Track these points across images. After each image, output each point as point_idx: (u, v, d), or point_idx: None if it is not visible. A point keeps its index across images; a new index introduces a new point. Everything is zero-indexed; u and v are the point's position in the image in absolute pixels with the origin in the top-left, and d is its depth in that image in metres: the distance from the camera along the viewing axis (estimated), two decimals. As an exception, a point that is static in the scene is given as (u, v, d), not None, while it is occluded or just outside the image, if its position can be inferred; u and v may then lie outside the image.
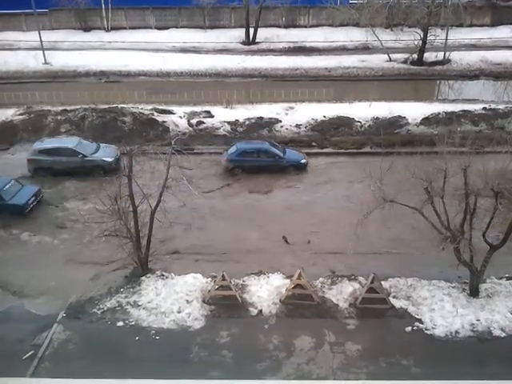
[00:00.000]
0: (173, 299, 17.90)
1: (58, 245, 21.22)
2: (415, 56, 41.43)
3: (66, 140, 27.49)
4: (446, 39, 41.25)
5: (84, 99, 34.38)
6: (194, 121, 31.28)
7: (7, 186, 23.15)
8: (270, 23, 49.72)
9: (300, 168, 26.66)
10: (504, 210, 16.29)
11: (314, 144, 29.47)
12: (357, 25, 45.56)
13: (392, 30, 46.01)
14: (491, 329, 16.75)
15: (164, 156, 18.72)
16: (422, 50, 41.25)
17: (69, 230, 21.90)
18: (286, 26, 50.22)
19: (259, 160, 26.39)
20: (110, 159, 26.36)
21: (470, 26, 47.66)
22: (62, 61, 42.15)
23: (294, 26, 50.33)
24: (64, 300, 18.05)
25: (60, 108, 32.47)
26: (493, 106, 32.25)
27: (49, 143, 26.74)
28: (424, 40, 40.90)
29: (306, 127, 30.93)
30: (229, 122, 31.07)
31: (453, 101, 34.81)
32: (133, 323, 17.13)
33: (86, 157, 25.98)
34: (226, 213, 23.20)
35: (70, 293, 18.31)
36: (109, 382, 13.45)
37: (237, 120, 31.22)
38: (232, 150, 26.87)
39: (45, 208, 23.62)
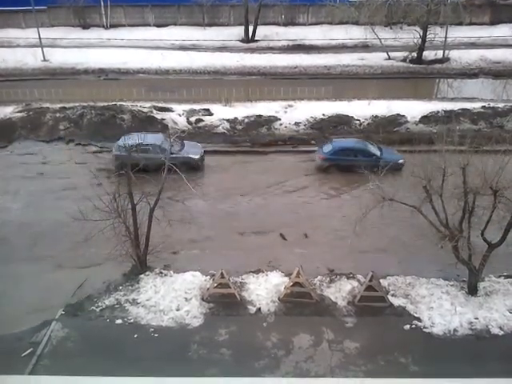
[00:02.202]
0: (171, 297, 17.89)
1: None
2: (414, 54, 41.45)
3: (151, 137, 27.03)
4: (446, 37, 41.26)
5: (83, 97, 34.32)
6: (192, 118, 31.28)
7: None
8: (270, 21, 49.73)
9: (397, 168, 24.35)
10: (503, 209, 16.32)
11: (313, 142, 29.48)
12: (356, 23, 45.56)
13: (391, 28, 46.07)
14: (489, 327, 16.77)
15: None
16: (421, 49, 41.26)
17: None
18: (286, 24, 50.23)
19: (356, 159, 24.69)
20: (196, 156, 26.42)
21: (470, 24, 47.72)
22: (60, 58, 42.09)
23: (294, 24, 50.35)
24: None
25: (59, 105, 32.45)
26: (492, 104, 32.31)
27: (134, 140, 26.13)
28: (423, 38, 40.90)
29: (305, 125, 30.94)
30: (228, 120, 31.07)
31: (452, 99, 34.89)
32: (131, 321, 17.12)
33: (173, 153, 25.66)
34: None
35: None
36: (107, 380, 13.43)
37: (236, 118, 31.22)
38: (327, 147, 26.15)
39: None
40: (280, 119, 31.22)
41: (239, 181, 25.91)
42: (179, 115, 31.62)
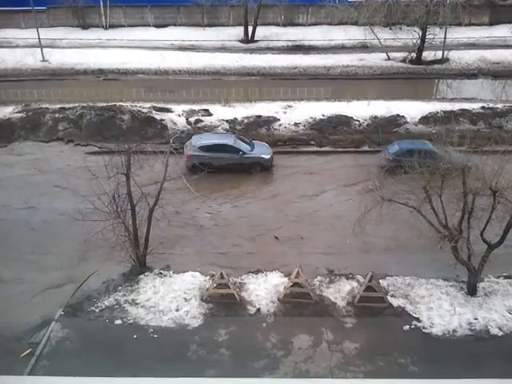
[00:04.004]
0: (171, 297, 17.90)
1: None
2: (414, 55, 41.45)
3: (223, 136, 27.74)
4: (445, 38, 41.28)
5: (82, 97, 34.34)
6: (192, 119, 31.27)
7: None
8: (269, 21, 49.70)
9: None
10: (502, 209, 16.33)
11: (312, 143, 29.48)
12: (355, 23, 45.50)
13: (391, 29, 46.05)
14: (489, 327, 16.79)
15: (162, 154, 18.72)
16: (420, 49, 41.26)
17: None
18: (285, 25, 50.20)
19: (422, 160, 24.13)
20: (267, 156, 26.65)
21: (469, 24, 47.79)
22: (60, 58, 42.02)
23: (293, 25, 50.31)
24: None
25: (58, 106, 32.40)
26: (491, 104, 32.33)
27: (207, 139, 27.01)
28: (423, 39, 40.90)
29: (304, 126, 30.93)
30: (227, 121, 31.05)
31: (451, 100, 34.87)
32: (131, 321, 17.12)
33: (245, 153, 26.23)
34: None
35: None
36: (107, 380, 13.42)
37: (235, 118, 31.21)
38: (393, 148, 25.95)
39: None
40: (279, 120, 31.21)
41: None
42: (179, 116, 31.60)
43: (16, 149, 29.10)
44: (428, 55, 41.68)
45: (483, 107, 31.90)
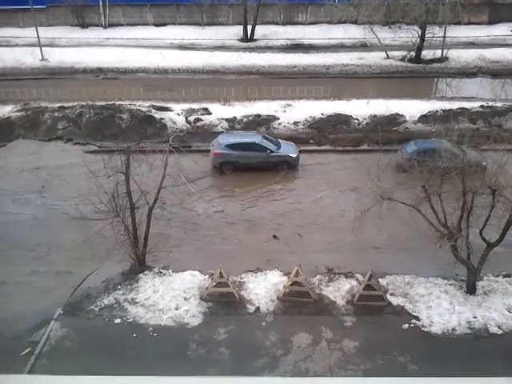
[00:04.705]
0: (170, 296, 17.90)
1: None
2: (413, 54, 41.39)
3: (249, 135, 27.92)
4: (444, 37, 41.25)
5: (81, 96, 34.28)
6: (191, 118, 31.26)
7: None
8: (268, 20, 49.64)
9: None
10: (501, 208, 16.34)
11: (311, 141, 29.48)
12: (355, 22, 45.46)
13: (390, 28, 45.94)
14: (488, 326, 16.80)
15: (161, 153, 18.70)
16: (419, 48, 41.21)
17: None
18: (284, 23, 50.13)
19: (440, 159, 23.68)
20: (294, 155, 26.79)
21: (468, 23, 47.61)
22: (59, 57, 41.95)
23: (292, 23, 50.25)
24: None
25: (57, 105, 32.37)
26: (490, 103, 32.31)
27: (234, 138, 27.22)
28: (422, 37, 40.86)
29: (303, 125, 30.93)
30: (227, 119, 31.05)
31: (450, 98, 34.88)
32: (130, 320, 17.13)
33: (272, 152, 26.34)
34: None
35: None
36: (106, 379, 13.42)
37: (234, 117, 31.21)
38: (411, 147, 25.79)
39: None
40: (279, 118, 31.20)
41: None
42: (178, 114, 31.58)
43: (15, 148, 29.08)
44: (427, 54, 41.64)
45: (482, 106, 31.89)
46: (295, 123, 30.93)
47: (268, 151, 26.35)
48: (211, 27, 49.40)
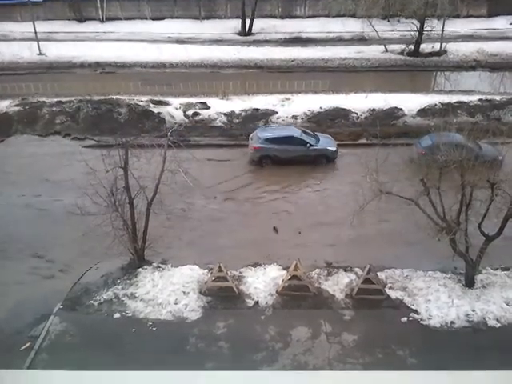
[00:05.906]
0: (169, 291, 17.91)
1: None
2: (412, 47, 41.31)
3: (288, 129, 27.80)
4: (443, 30, 41.15)
5: (79, 90, 34.14)
6: (189, 112, 31.20)
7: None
8: (266, 14, 49.46)
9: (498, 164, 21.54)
10: (500, 201, 16.34)
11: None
12: (353, 15, 45.35)
13: (389, 21, 45.89)
14: (486, 319, 16.84)
15: (160, 147, 18.67)
16: (418, 41, 41.13)
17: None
18: (283, 17, 49.98)
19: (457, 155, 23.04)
20: (333, 148, 26.72)
21: (467, 16, 47.59)
22: (56, 52, 41.81)
23: (291, 17, 50.11)
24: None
25: (55, 99, 32.28)
26: (489, 97, 32.29)
27: (273, 132, 27.09)
28: (420, 31, 40.77)
29: (302, 119, 30.89)
30: (225, 114, 31.00)
31: (449, 92, 34.84)
32: (130, 315, 17.14)
33: (312, 146, 26.24)
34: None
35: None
36: (106, 374, 13.42)
37: (233, 111, 31.15)
38: (426, 142, 25.14)
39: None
40: (277, 112, 31.15)
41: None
42: (176, 109, 31.53)
43: (13, 143, 29.01)
44: (426, 47, 41.56)
45: (481, 99, 31.85)
46: (294, 117, 30.89)
47: (308, 145, 26.19)
48: (209, 21, 49.25)
